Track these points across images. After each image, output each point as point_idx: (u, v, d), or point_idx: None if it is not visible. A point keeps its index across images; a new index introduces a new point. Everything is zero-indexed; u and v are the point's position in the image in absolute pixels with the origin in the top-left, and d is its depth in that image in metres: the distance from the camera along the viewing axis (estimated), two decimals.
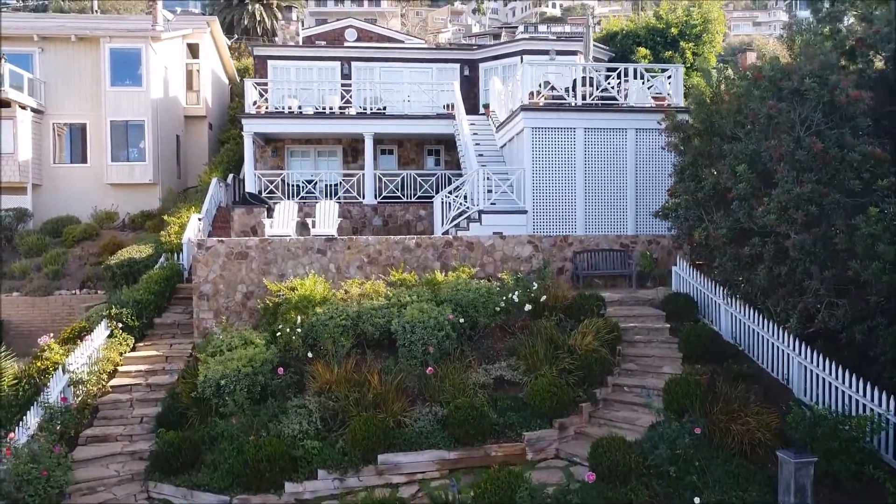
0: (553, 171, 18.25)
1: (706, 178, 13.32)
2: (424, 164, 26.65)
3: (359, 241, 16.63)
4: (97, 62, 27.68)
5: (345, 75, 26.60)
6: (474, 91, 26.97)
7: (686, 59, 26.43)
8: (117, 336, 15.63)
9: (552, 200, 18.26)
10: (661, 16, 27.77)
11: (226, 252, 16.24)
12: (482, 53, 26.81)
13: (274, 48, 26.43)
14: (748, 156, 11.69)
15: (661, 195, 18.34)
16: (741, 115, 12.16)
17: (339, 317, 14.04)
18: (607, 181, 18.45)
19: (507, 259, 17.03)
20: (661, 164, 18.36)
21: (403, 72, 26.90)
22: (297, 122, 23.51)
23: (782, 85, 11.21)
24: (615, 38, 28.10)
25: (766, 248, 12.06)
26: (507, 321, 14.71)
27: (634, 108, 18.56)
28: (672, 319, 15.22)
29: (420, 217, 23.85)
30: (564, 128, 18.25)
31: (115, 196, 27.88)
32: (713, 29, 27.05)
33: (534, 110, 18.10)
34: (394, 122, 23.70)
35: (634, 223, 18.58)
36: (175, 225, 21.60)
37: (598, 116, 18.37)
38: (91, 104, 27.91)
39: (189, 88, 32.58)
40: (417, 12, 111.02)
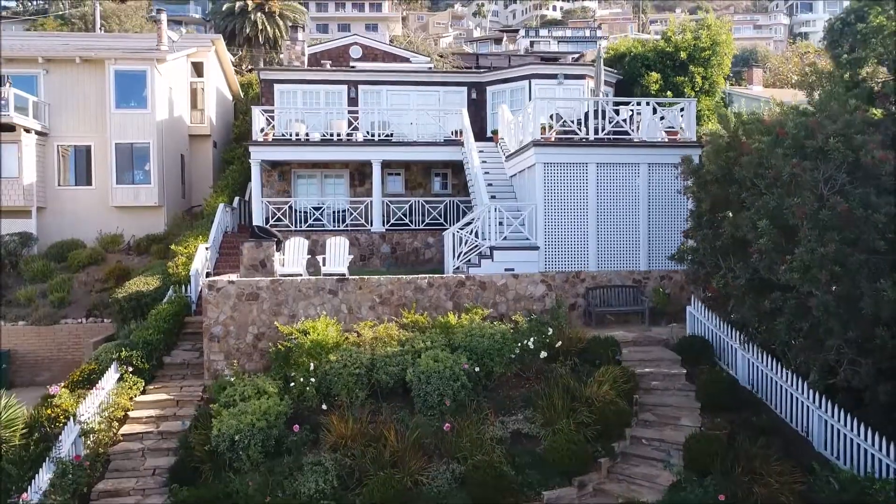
0: (565, 206, 18.09)
1: (725, 227, 13.17)
2: (431, 188, 26.48)
3: (370, 282, 16.49)
4: (102, 84, 27.49)
5: (351, 99, 26.43)
6: (481, 114, 26.80)
7: (696, 84, 26.27)
8: (127, 380, 15.48)
9: (564, 236, 18.10)
10: (670, 37, 27.61)
11: (236, 293, 16.10)
12: (490, 76, 26.64)
13: (280, 72, 26.25)
14: (770, 211, 11.53)
15: (674, 230, 18.30)
16: (762, 168, 12.01)
17: (353, 365, 13.90)
18: (620, 216, 18.29)
19: (520, 298, 16.91)
20: (673, 198, 18.21)
21: (410, 94, 26.72)
22: (305, 150, 23.35)
23: (806, 144, 11.06)
24: (623, 59, 27.93)
25: (787, 302, 11.91)
26: (523, 367, 14.58)
27: (647, 142, 18.40)
28: (688, 363, 15.10)
29: (428, 244, 23.70)
30: (576, 163, 18.09)
31: (120, 218, 27.70)
32: (722, 51, 26.88)
33: (545, 146, 17.94)
34: (402, 149, 23.55)
35: (647, 258, 18.42)
36: (182, 256, 21.43)
37: (610, 151, 18.21)
38: (96, 126, 27.72)
39: (193, 107, 32.41)
40: (419, 16, 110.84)
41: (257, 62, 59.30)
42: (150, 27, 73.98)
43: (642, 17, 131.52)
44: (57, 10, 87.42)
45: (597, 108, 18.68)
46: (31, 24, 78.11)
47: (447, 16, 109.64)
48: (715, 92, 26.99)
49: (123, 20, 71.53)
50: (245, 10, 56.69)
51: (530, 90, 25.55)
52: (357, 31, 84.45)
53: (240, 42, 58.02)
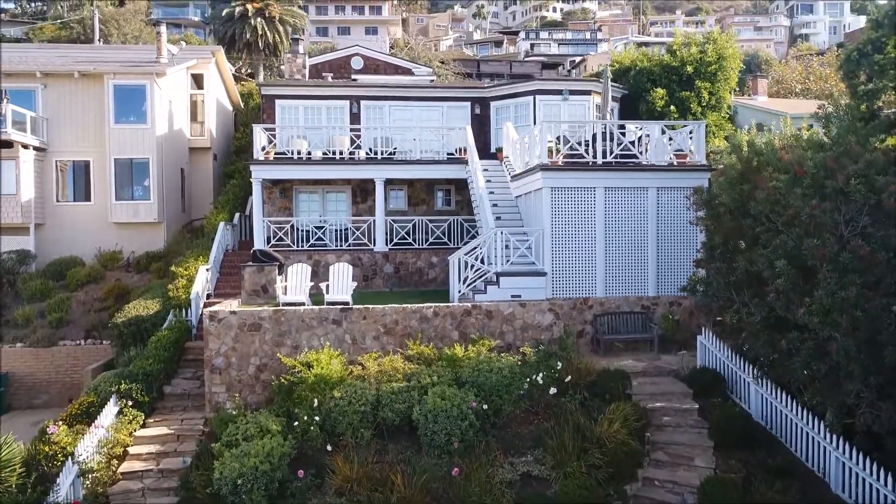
0: (572, 230, 17.77)
1: (739, 262, 12.85)
2: (435, 204, 26.16)
3: (375, 311, 16.17)
4: (101, 98, 27.15)
5: (354, 114, 26.07)
6: (485, 129, 26.46)
7: (702, 99, 25.93)
8: (127, 414, 15.16)
9: (572, 261, 17.78)
10: (675, 51, 27.27)
11: (238, 324, 15.77)
12: (493, 92, 26.29)
13: (282, 87, 25.89)
14: (788, 251, 11.21)
15: (684, 254, 17.99)
16: (779, 206, 11.69)
17: (358, 402, 13.59)
18: (628, 241, 17.97)
19: (527, 327, 16.59)
20: (683, 222, 17.90)
21: (413, 109, 26.38)
22: (307, 168, 23.01)
23: (826, 184, 10.75)
24: (628, 73, 27.60)
25: (804, 343, 11.60)
26: (532, 402, 14.26)
27: (656, 166, 18.07)
28: (699, 397, 14.79)
29: (432, 264, 23.38)
30: (584, 187, 17.76)
31: (120, 235, 27.38)
32: (728, 66, 26.54)
33: (553, 170, 17.60)
34: (405, 167, 23.21)
35: (656, 283, 18.09)
36: (182, 278, 21.10)
37: (618, 175, 17.88)
38: (95, 141, 27.39)
39: (193, 120, 32.07)
40: (419, 19, 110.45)
41: (257, 67, 59.12)
42: (150, 31, 73.66)
43: (642, 19, 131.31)
44: (56, 13, 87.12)
45: (605, 131, 18.35)
46: (30, 27, 77.82)
47: (447, 18, 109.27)
48: (721, 107, 26.66)
49: (122, 24, 71.19)
50: (245, 15, 56.38)
51: (535, 106, 25.23)
52: (357, 34, 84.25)
53: (240, 47, 57.74)
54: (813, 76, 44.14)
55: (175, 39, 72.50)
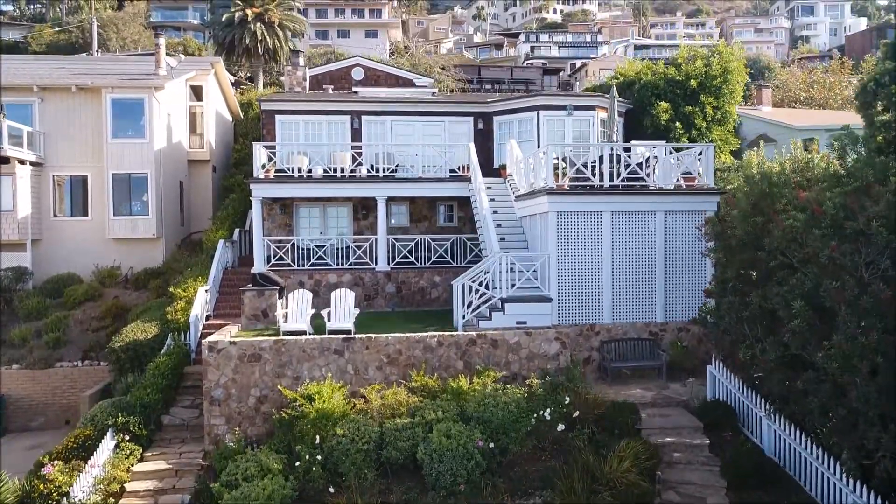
0: (579, 255, 17.43)
1: (752, 298, 12.50)
2: (437, 220, 25.82)
3: (378, 341, 15.82)
4: (99, 112, 26.81)
5: (355, 130, 25.71)
6: (488, 144, 26.12)
7: (707, 114, 25.57)
8: (124, 448, 14.83)
9: (578, 287, 17.44)
10: (680, 64, 26.90)
11: (238, 354, 15.43)
12: (496, 107, 25.93)
13: (282, 102, 25.52)
14: (805, 291, 10.87)
15: (692, 279, 17.68)
16: (795, 244, 11.35)
17: (361, 440, 13.25)
18: (635, 265, 17.64)
19: (533, 357, 16.24)
20: (691, 247, 17.59)
21: (415, 125, 26.01)
22: (307, 187, 22.66)
23: (846, 225, 10.41)
24: (633, 87, 27.23)
25: (821, 385, 11.26)
26: (539, 438, 13.91)
27: (664, 189, 17.73)
28: (710, 431, 14.45)
29: (434, 283, 23.03)
30: (591, 211, 17.43)
31: (118, 250, 27.04)
32: (734, 79, 26.18)
33: (559, 194, 17.27)
34: (407, 185, 22.85)
35: (664, 309, 17.76)
36: (181, 300, 20.74)
37: (626, 199, 17.55)
38: (92, 156, 27.05)
39: (192, 132, 31.72)
40: (418, 21, 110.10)
41: (257, 72, 58.82)
42: (148, 35, 73.38)
43: (643, 21, 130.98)
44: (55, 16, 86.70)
45: (612, 152, 18.00)
46: (29, 31, 77.51)
47: (447, 20, 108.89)
48: (727, 121, 26.29)
49: (121, 28, 70.92)
50: (244, 20, 56.02)
51: (538, 121, 24.88)
52: (356, 37, 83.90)
53: (239, 53, 57.38)
54: (817, 84, 43.81)
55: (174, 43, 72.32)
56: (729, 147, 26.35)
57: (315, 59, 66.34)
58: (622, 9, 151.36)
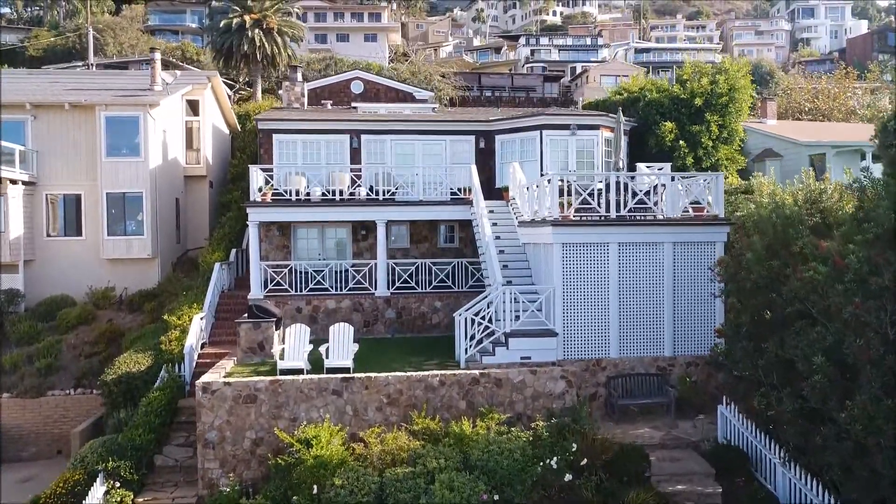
0: (585, 288, 16.92)
1: (769, 345, 11.99)
2: (438, 241, 25.30)
3: (378, 381, 15.29)
4: (93, 130, 26.27)
5: (354, 148, 25.17)
6: (490, 163, 25.60)
7: (712, 132, 25.05)
8: (114, 495, 14.29)
9: (584, 320, 16.93)
10: (685, 81, 26.39)
11: (233, 395, 14.90)
12: (499, 125, 25.40)
13: (279, 121, 24.94)
14: (826, 346, 10.35)
15: (701, 312, 17.19)
16: (815, 295, 10.83)
17: (361, 491, 12.75)
18: (643, 298, 17.12)
19: (538, 396, 15.73)
20: (700, 277, 17.11)
21: (415, 144, 25.49)
22: (305, 211, 22.13)
23: (871, 281, 9.89)
24: (637, 104, 26.72)
25: (842, 442, 10.75)
26: (545, 486, 13.39)
27: (672, 220, 17.21)
28: (722, 477, 13.97)
29: (435, 308, 22.52)
30: (597, 242, 16.92)
31: (112, 270, 26.51)
32: (740, 98, 25.68)
33: (564, 225, 16.75)
34: (407, 209, 22.35)
35: (672, 342, 17.24)
36: (176, 329, 20.23)
37: (632, 230, 17.03)
38: (86, 174, 26.53)
39: (189, 147, 31.20)
40: (418, 24, 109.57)
41: (256, 78, 58.32)
42: (146, 40, 72.80)
43: (643, 23, 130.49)
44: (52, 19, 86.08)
45: (618, 181, 17.48)
46: (26, 35, 77.01)
47: (447, 24, 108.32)
48: (734, 140, 25.77)
49: (118, 34, 70.40)
50: (242, 26, 55.49)
51: (541, 141, 24.37)
52: (356, 41, 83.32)
53: (237, 59, 56.90)
54: (822, 95, 43.32)
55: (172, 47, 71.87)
56: (735, 166, 25.85)
57: (314, 64, 65.82)
58: (622, 11, 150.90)
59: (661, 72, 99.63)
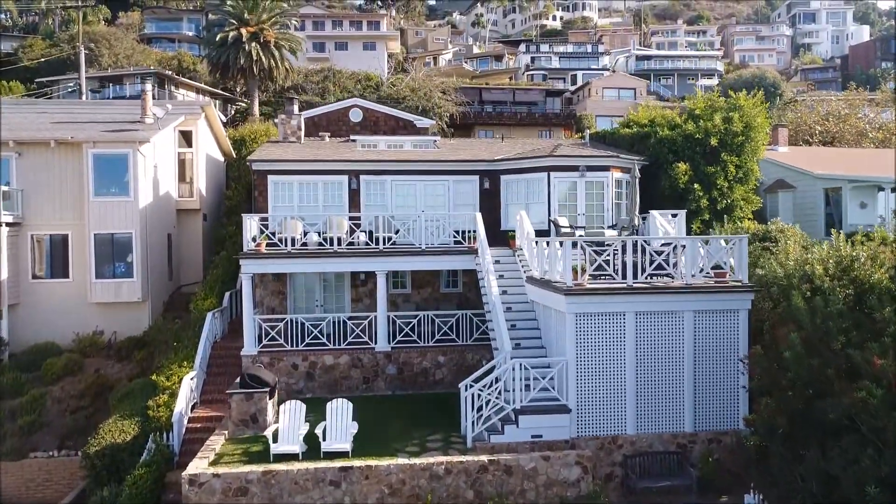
0: (600, 360, 15.82)
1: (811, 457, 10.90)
2: (440, 286, 24.25)
3: (379, 470, 14.20)
4: (80, 168, 25.16)
5: (353, 190, 24.05)
6: (495, 205, 24.49)
7: (728, 173, 23.92)
8: None
9: (599, 395, 15.83)
10: (698, 115, 25.18)
11: (222, 489, 13.82)
12: (504, 165, 24.26)
13: (275, 162, 23.76)
14: (882, 476, 9.28)
15: (723, 385, 16.14)
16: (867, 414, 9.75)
17: None
18: (661, 371, 16.02)
19: (551, 484, 14.65)
20: (722, 348, 16.05)
21: (417, 185, 24.36)
22: (301, 262, 21.00)
23: None
24: (647, 140, 25.51)
25: None
26: None
27: (693, 287, 16.09)
28: None
29: (438, 364, 21.44)
30: (613, 312, 15.83)
31: (101, 314, 25.41)
32: (756, 136, 24.53)
33: (578, 294, 15.65)
34: (408, 258, 21.19)
35: (693, 418, 16.14)
36: (165, 392, 19.13)
37: (650, 299, 15.92)
38: (73, 214, 25.43)
39: (182, 180, 30.12)
40: (417, 32, 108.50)
41: (253, 90, 57.32)
42: (142, 50, 71.60)
43: (643, 27, 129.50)
44: (46, 28, 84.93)
45: (635, 243, 16.40)
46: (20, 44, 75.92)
47: (446, 31, 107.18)
48: (749, 180, 24.62)
49: (113, 44, 69.35)
50: (239, 40, 54.53)
51: (549, 182, 23.27)
52: (354, 50, 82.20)
53: (234, 73, 55.97)
54: (832, 117, 42.27)
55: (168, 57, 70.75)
56: (751, 206, 24.72)
57: (312, 76, 64.79)
58: (622, 15, 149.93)
59: (662, 79, 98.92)
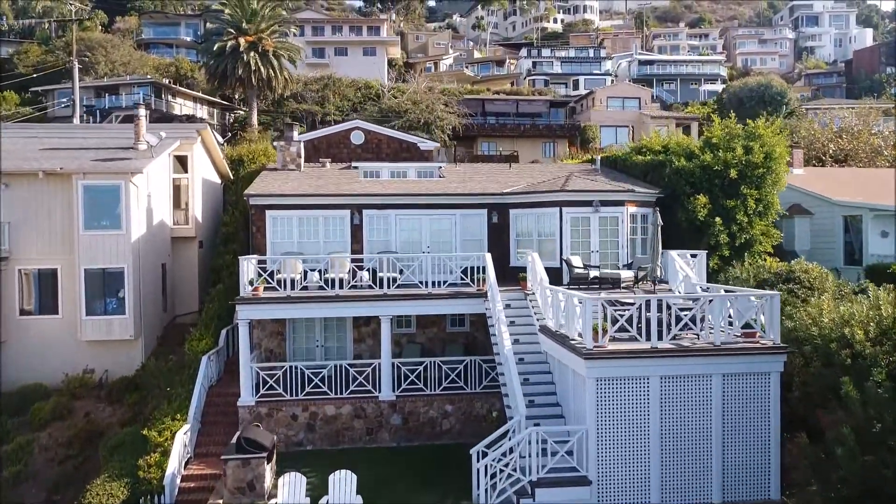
0: (622, 428, 14.76)
1: None
2: (446, 325, 23.17)
3: None
4: (70, 199, 24.03)
5: (355, 225, 22.96)
6: (504, 239, 23.42)
7: (748, 207, 22.85)
8: None
9: (621, 464, 14.77)
10: (716, 144, 24.08)
11: None
12: (514, 198, 23.17)
13: (273, 197, 22.66)
14: None
15: (754, 452, 15.06)
16: None
17: None
18: (687, 437, 14.95)
19: None
20: (752, 414, 15.00)
21: (422, 219, 23.28)
22: (301, 307, 19.93)
23: None
24: (662, 169, 24.45)
25: None
26: None
27: (721, 348, 15.02)
28: None
29: (446, 413, 20.38)
30: (636, 377, 14.76)
31: (91, 352, 24.30)
32: (777, 167, 23.43)
33: (599, 359, 14.58)
34: (413, 303, 20.15)
35: (721, 486, 15.07)
36: (157, 451, 18.04)
37: (676, 362, 14.86)
38: (63, 248, 24.31)
39: (177, 206, 29.02)
40: (417, 37, 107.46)
41: (251, 99, 56.36)
42: (139, 56, 70.48)
43: (645, 31, 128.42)
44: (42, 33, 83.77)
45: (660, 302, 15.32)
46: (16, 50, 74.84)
47: (446, 36, 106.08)
48: (769, 212, 23.53)
49: (110, 51, 68.35)
50: (237, 49, 53.54)
51: (561, 218, 22.21)
52: (354, 55, 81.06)
53: (232, 83, 54.99)
54: (845, 134, 41.23)
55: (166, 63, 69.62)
56: (771, 241, 23.66)
57: (311, 84, 63.71)
58: (623, 17, 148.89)
59: (665, 84, 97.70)
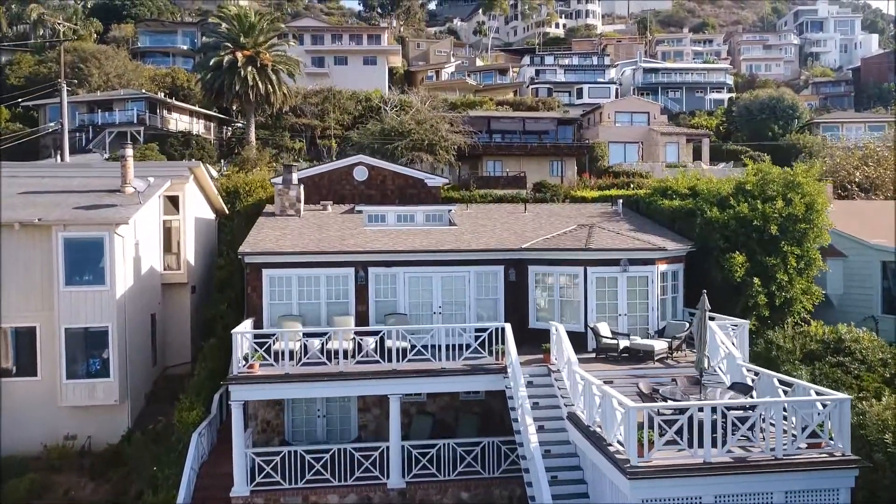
0: None
1: None
2: (459, 394, 21.24)
3: None
4: (49, 251, 22.06)
5: (360, 285, 21.02)
6: (522, 298, 21.45)
7: (789, 265, 20.93)
8: None
9: None
10: (748, 189, 22.15)
11: None
12: (533, 255, 21.21)
13: (269, 255, 20.67)
14: None
15: None
16: None
17: None
18: None
19: None
20: None
21: (433, 277, 21.31)
22: (300, 387, 17.96)
23: None
24: (692, 218, 22.46)
25: None
26: None
27: (784, 464, 13.08)
28: None
29: (461, 501, 18.45)
30: (686, 497, 12.83)
31: (73, 417, 22.37)
32: (819, 221, 21.50)
33: (646, 477, 12.66)
34: (426, 380, 18.21)
35: None
36: None
37: (732, 480, 12.95)
38: (42, 304, 22.33)
39: (167, 250, 27.11)
40: (418, 44, 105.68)
41: (249, 117, 54.74)
42: (133, 68, 68.58)
43: (648, 36, 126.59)
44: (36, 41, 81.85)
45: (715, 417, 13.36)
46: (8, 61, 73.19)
47: (448, 44, 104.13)
48: (811, 269, 21.59)
49: (103, 63, 66.59)
50: (234, 64, 51.87)
51: (585, 278, 20.30)
52: (354, 64, 79.28)
53: (229, 98, 53.32)
54: (871, 159, 39.35)
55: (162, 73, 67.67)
56: (812, 300, 21.72)
57: (310, 97, 61.82)
58: (626, 22, 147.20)
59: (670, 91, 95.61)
